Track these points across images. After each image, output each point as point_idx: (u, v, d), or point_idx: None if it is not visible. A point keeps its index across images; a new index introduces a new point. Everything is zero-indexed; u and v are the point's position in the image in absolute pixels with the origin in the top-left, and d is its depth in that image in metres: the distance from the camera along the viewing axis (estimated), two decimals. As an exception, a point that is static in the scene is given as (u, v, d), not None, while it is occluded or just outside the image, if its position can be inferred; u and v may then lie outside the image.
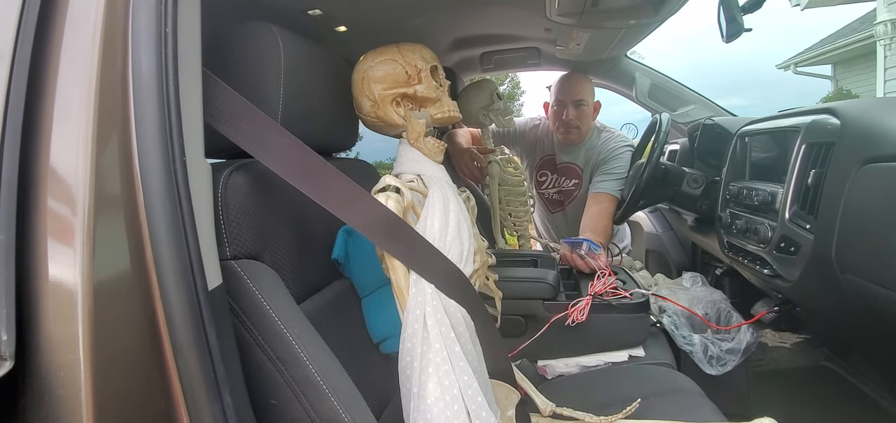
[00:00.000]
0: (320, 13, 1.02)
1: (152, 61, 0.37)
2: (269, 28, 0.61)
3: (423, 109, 0.71)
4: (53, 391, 0.36)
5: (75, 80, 0.37)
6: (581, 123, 1.53)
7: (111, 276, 0.37)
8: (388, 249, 0.59)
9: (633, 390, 0.84)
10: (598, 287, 1.05)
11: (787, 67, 7.13)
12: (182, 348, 0.38)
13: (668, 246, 1.66)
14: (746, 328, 1.02)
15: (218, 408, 0.39)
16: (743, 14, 1.08)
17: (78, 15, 0.38)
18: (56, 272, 0.36)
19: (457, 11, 1.22)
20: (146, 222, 0.37)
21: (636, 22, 1.12)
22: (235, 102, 0.51)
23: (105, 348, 0.36)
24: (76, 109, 0.37)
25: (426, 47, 0.73)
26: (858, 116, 0.74)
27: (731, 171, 1.13)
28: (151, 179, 0.37)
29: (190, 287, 0.38)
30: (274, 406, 0.51)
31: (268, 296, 0.52)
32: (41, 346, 0.36)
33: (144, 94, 0.37)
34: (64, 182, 0.37)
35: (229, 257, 0.52)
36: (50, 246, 0.37)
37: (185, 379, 0.38)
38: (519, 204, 1.52)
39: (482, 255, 0.74)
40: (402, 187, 0.64)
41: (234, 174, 0.54)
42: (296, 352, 0.51)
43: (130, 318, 0.37)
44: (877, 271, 0.64)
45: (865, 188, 0.67)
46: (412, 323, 0.58)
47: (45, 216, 0.37)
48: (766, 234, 0.90)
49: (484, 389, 0.58)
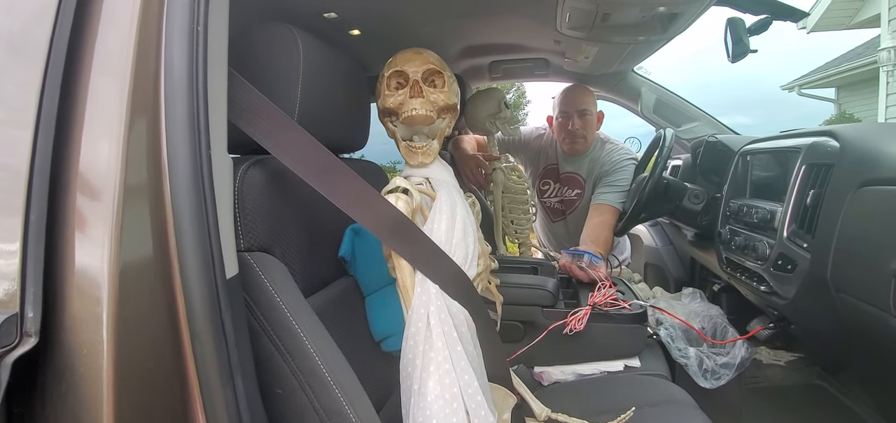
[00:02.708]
0: (336, 16, 1.04)
1: (184, 58, 0.39)
2: (290, 29, 0.63)
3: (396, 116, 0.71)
4: (75, 368, 0.38)
5: (110, 71, 0.39)
6: (587, 133, 1.55)
7: (135, 261, 0.39)
8: (395, 248, 0.61)
9: (627, 399, 0.86)
10: (598, 298, 1.06)
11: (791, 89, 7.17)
12: (199, 334, 0.39)
13: (667, 260, 1.67)
14: (741, 344, 1.04)
15: (230, 393, 0.41)
16: (749, 36, 1.10)
17: (114, 9, 0.40)
18: (83, 256, 0.38)
19: (468, 20, 1.24)
20: (171, 211, 0.39)
21: (645, 38, 1.14)
22: (255, 100, 0.53)
23: (126, 330, 0.38)
24: (109, 100, 0.39)
25: (406, 51, 0.71)
26: (857, 140, 0.75)
27: (732, 188, 1.15)
28: (178, 171, 0.38)
29: (210, 276, 0.40)
30: (279, 395, 0.52)
31: (278, 289, 0.54)
32: (66, 325, 0.38)
33: (175, 88, 0.39)
34: (94, 170, 0.39)
35: (242, 249, 0.54)
36: (78, 230, 0.38)
37: (200, 364, 0.40)
38: (521, 212, 1.54)
39: (485, 259, 0.76)
40: (412, 189, 0.66)
41: (250, 170, 0.56)
42: (303, 344, 0.52)
43: (152, 302, 0.39)
44: (870, 293, 0.66)
45: (861, 210, 0.69)
46: (416, 322, 0.59)
47: (75, 202, 0.39)
48: (765, 251, 0.92)
49: (483, 389, 0.60)
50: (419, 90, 0.68)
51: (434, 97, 0.69)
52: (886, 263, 0.61)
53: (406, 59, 0.70)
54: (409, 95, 0.68)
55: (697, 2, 0.92)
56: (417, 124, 0.69)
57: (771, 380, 1.19)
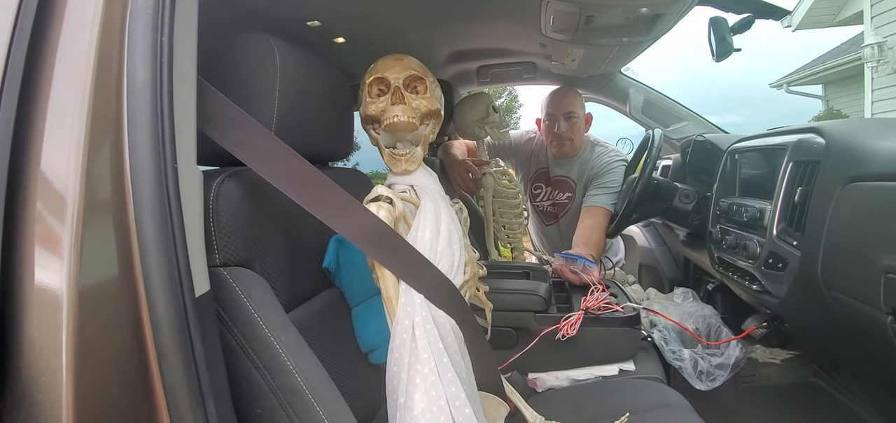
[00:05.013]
0: (319, 24, 1.03)
1: (147, 70, 0.37)
2: (266, 39, 0.62)
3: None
4: (33, 397, 0.36)
5: (70, 84, 0.38)
6: (574, 135, 1.55)
7: (98, 281, 0.37)
8: (378, 258, 0.59)
9: (622, 404, 0.84)
10: (591, 302, 1.05)
11: (779, 86, 7.27)
12: (167, 355, 0.38)
13: (661, 261, 1.67)
14: (736, 344, 1.03)
15: (201, 416, 0.39)
16: (732, 34, 1.11)
17: (75, 20, 0.39)
18: (42, 276, 0.36)
19: (453, 25, 1.23)
20: (135, 227, 0.37)
21: (629, 40, 1.14)
22: (228, 109, 0.51)
23: (88, 354, 0.36)
24: (70, 113, 0.37)
25: (387, 57, 0.70)
26: (842, 136, 0.75)
27: (721, 187, 1.15)
28: (142, 185, 0.37)
29: (176, 294, 0.38)
30: (259, 415, 0.51)
31: (256, 304, 0.52)
32: (24, 350, 0.36)
33: (138, 101, 0.37)
34: (54, 186, 0.37)
35: (219, 264, 0.52)
36: (37, 249, 0.37)
37: (168, 386, 0.38)
38: (513, 216, 1.53)
39: (473, 266, 0.74)
40: (394, 198, 0.64)
41: (226, 182, 0.54)
42: (282, 360, 0.51)
43: (116, 323, 0.37)
44: (861, 290, 0.65)
45: (849, 207, 0.68)
46: (401, 333, 0.58)
47: (34, 219, 0.37)
48: (755, 250, 0.91)
49: (472, 400, 0.58)
50: (401, 97, 0.67)
51: (416, 103, 0.68)
52: (876, 259, 0.61)
53: (387, 65, 0.69)
54: (391, 102, 0.67)
55: (680, 2, 0.92)
56: (400, 131, 0.68)
57: (767, 379, 1.19)
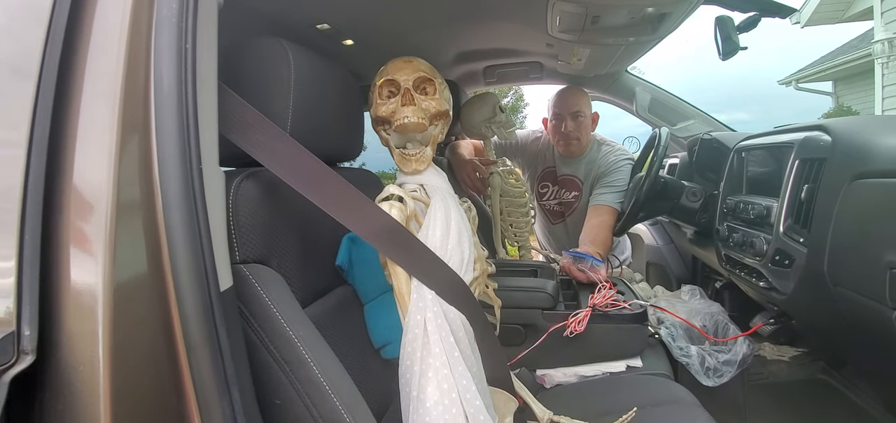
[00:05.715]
0: (328, 27, 1.05)
1: (173, 76, 0.39)
2: (281, 43, 0.64)
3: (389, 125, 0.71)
4: (72, 385, 0.38)
5: (100, 92, 0.40)
6: (580, 135, 1.55)
7: (130, 277, 0.39)
8: (390, 256, 0.61)
9: (629, 399, 0.85)
10: (598, 300, 1.06)
11: (788, 83, 7.18)
12: (195, 347, 0.40)
13: (668, 259, 1.67)
14: (743, 340, 1.03)
15: (227, 405, 0.41)
16: (739, 33, 1.11)
17: (103, 32, 0.41)
18: (78, 273, 0.38)
19: (460, 26, 1.25)
20: (164, 226, 0.39)
21: (635, 39, 1.15)
22: (246, 113, 0.53)
23: (123, 346, 0.38)
24: (100, 119, 0.39)
25: (396, 60, 0.71)
26: (848, 134, 0.76)
27: (728, 185, 1.15)
28: (170, 186, 0.39)
29: (203, 289, 0.40)
30: (278, 406, 0.53)
31: (274, 299, 0.54)
32: (62, 342, 0.38)
33: (165, 106, 0.39)
34: (87, 188, 0.39)
35: (238, 261, 0.54)
36: (72, 249, 0.39)
37: (196, 376, 0.40)
38: (520, 215, 1.54)
39: (482, 263, 0.76)
40: (405, 196, 0.66)
41: (244, 182, 0.57)
42: (300, 353, 0.53)
43: (147, 317, 0.39)
44: (867, 286, 0.65)
45: (855, 204, 0.69)
46: (413, 328, 0.60)
47: (69, 220, 0.39)
48: (762, 247, 0.92)
49: (482, 394, 0.60)
50: (411, 98, 0.69)
51: (426, 104, 0.70)
52: (881, 255, 0.61)
53: (396, 67, 0.71)
54: (401, 104, 0.69)
55: (685, 2, 0.93)
56: (410, 132, 0.70)
57: (775, 376, 1.19)
